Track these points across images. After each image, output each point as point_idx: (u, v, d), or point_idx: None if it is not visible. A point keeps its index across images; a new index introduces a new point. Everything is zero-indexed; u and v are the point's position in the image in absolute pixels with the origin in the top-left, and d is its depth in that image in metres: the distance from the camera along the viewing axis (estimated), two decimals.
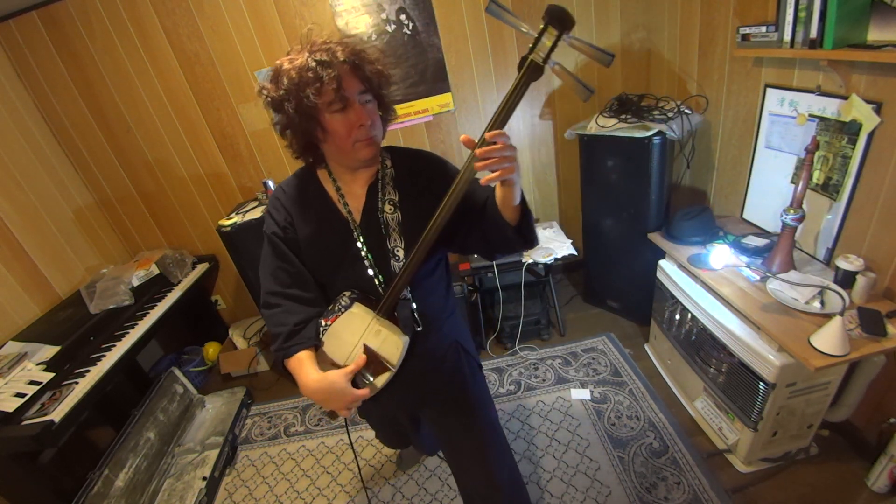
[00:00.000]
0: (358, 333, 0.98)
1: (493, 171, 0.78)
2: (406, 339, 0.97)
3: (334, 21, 2.24)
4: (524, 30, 0.80)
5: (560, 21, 0.75)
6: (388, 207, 1.00)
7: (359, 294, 1.01)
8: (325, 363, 1.01)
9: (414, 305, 1.02)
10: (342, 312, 1.00)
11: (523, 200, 0.90)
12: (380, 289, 1.01)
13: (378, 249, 1.00)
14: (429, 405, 1.21)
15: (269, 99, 0.91)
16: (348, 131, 0.90)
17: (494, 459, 1.19)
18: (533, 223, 0.94)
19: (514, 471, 1.25)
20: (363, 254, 1.00)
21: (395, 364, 0.97)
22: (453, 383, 1.16)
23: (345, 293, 1.01)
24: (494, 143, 0.77)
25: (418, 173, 1.03)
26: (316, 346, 1.01)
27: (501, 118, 0.79)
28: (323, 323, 1.01)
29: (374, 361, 0.98)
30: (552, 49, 0.77)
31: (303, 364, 0.97)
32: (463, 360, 1.17)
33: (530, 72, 0.78)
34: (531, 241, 0.96)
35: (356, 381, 0.98)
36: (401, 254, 0.99)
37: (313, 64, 0.84)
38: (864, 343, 1.24)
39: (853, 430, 1.60)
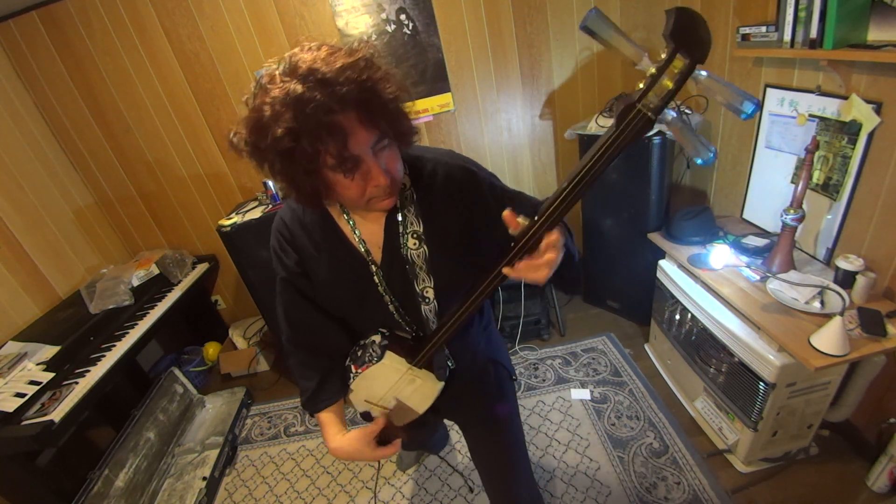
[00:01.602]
0: (390, 383, 0.92)
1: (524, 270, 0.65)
2: (440, 385, 0.90)
3: (334, 21, 2.24)
4: (634, 58, 0.52)
5: (694, 47, 0.48)
6: (411, 242, 0.83)
7: (389, 337, 0.91)
8: (358, 402, 0.99)
9: (447, 349, 0.93)
10: (373, 363, 0.91)
11: (569, 244, 0.76)
12: (409, 330, 0.92)
13: (404, 293, 0.87)
14: (456, 416, 1.19)
15: (248, 156, 0.71)
16: (360, 192, 0.71)
17: (515, 480, 1.17)
18: (575, 269, 0.80)
19: (535, 491, 1.23)
20: (387, 298, 0.87)
21: (428, 405, 0.93)
22: (482, 400, 1.13)
23: (374, 338, 0.92)
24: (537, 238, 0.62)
25: (444, 194, 0.84)
26: (344, 395, 0.98)
27: (576, 193, 0.59)
28: (353, 370, 0.94)
29: (404, 405, 0.95)
30: (675, 92, 0.49)
31: (327, 426, 0.94)
32: (493, 376, 1.12)
33: (636, 127, 0.52)
34: (574, 285, 0.87)
35: (384, 433, 0.95)
36: (430, 295, 0.86)
37: (308, 127, 0.61)
38: (864, 343, 1.24)
39: (853, 430, 1.60)
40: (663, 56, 0.48)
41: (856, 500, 1.46)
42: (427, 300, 0.86)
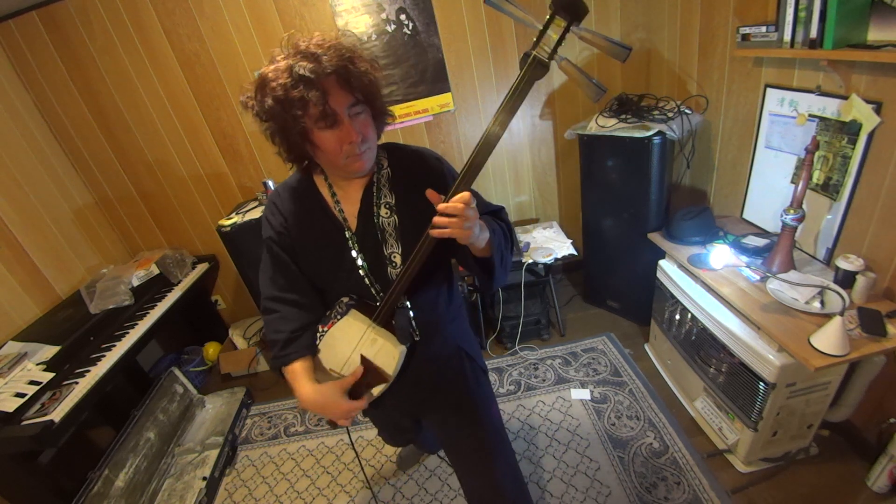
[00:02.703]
0: (353, 342, 0.97)
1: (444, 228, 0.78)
2: (402, 348, 0.95)
3: (334, 21, 2.24)
4: (527, 21, 0.73)
5: (569, 10, 0.66)
6: (384, 211, 0.97)
7: (357, 300, 1.00)
8: (322, 370, 1.01)
9: (412, 314, 1.00)
10: (338, 319, 0.99)
11: (497, 243, 0.90)
12: (377, 296, 1.00)
13: (374, 256, 0.98)
14: (431, 410, 1.20)
15: (254, 112, 0.87)
16: (338, 147, 0.86)
17: (498, 467, 1.17)
18: (497, 267, 0.94)
19: (519, 478, 1.24)
20: (358, 261, 0.98)
21: (391, 375, 0.96)
22: (455, 389, 1.15)
23: (343, 299, 1.00)
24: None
25: (415, 174, 1.00)
26: (313, 353, 1.01)
27: (497, 126, 0.76)
28: (320, 329, 1.01)
29: (371, 371, 0.97)
30: (559, 42, 0.69)
31: (297, 376, 0.98)
32: (466, 366, 1.16)
33: (533, 69, 0.70)
34: (489, 281, 0.95)
35: (354, 390, 0.98)
36: (397, 260, 0.97)
37: (297, 81, 0.78)
38: (864, 343, 1.24)
39: (853, 430, 1.60)
40: (547, 17, 0.68)
41: (856, 500, 1.46)
42: (394, 264, 0.97)
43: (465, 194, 0.78)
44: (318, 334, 1.00)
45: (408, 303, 0.99)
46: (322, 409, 0.95)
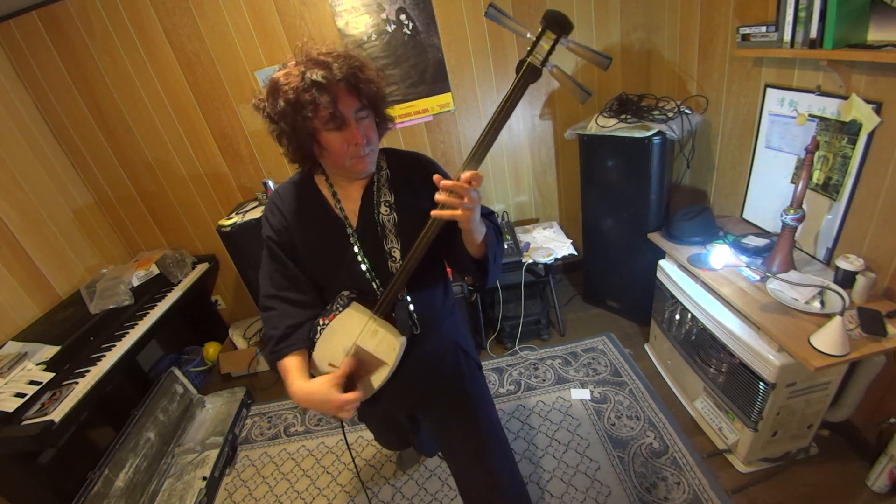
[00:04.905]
0: (354, 333, 0.99)
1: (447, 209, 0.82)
2: (403, 339, 0.97)
3: (334, 21, 2.24)
4: (522, 34, 0.82)
5: (558, 25, 0.77)
6: (383, 209, 1.01)
7: (357, 294, 1.03)
8: (322, 362, 1.02)
9: (412, 307, 1.04)
10: (339, 311, 1.01)
11: (491, 240, 0.95)
12: (377, 290, 1.03)
13: (375, 251, 1.02)
14: (428, 406, 1.21)
15: (266, 114, 0.91)
16: (344, 148, 0.91)
17: (495, 462, 1.17)
18: (491, 264, 0.98)
19: (516, 473, 1.24)
20: (359, 257, 1.02)
21: (392, 363, 0.97)
22: (452, 384, 1.17)
23: (343, 293, 1.03)
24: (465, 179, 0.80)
25: (413, 174, 1.05)
26: (308, 347, 1.03)
27: (497, 123, 0.82)
28: (320, 322, 1.03)
29: (368, 363, 0.98)
30: (550, 52, 0.79)
31: (290, 371, 1.00)
32: (462, 360, 1.18)
33: (527, 74, 0.80)
34: (485, 278, 1.00)
35: (349, 384, 0.97)
36: (397, 255, 1.01)
37: (309, 85, 0.83)
38: (864, 343, 1.24)
39: (853, 430, 1.61)
40: (539, 30, 0.78)
41: (856, 500, 1.46)
42: (394, 258, 1.01)
43: (471, 172, 0.81)
44: (319, 327, 1.02)
45: (408, 297, 1.04)
46: (314, 404, 0.94)
